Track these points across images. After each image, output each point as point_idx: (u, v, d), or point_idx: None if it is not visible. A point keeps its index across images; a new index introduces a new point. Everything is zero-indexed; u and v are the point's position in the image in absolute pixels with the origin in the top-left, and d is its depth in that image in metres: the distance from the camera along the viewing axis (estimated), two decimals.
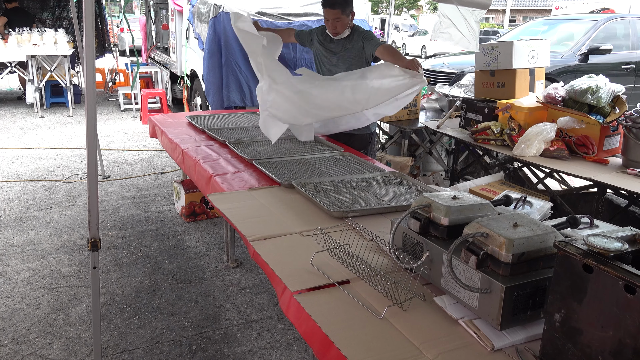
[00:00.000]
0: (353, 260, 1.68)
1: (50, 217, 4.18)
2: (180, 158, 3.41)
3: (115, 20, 13.24)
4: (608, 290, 1.06)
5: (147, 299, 3.04)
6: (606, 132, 3.22)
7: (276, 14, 5.66)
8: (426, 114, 4.83)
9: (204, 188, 2.94)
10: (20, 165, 5.54)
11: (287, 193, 2.47)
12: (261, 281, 3.26)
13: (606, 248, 1.09)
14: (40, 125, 7.57)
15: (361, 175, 2.70)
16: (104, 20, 9.94)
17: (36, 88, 8.22)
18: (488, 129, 3.58)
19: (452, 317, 1.46)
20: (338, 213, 2.16)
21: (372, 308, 1.51)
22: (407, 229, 1.68)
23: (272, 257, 1.83)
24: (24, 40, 8.15)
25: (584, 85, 3.28)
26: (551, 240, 1.37)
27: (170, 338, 2.68)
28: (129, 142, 6.70)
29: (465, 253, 1.40)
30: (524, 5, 39.72)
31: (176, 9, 7.23)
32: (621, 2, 19.45)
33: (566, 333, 1.16)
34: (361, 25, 6.07)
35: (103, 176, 5.18)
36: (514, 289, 1.31)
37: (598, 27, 7.19)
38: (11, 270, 3.33)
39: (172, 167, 5.58)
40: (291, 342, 2.67)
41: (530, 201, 1.97)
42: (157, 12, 9.19)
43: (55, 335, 2.68)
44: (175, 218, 4.25)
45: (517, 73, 3.77)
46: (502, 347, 1.33)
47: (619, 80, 4.19)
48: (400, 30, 28.86)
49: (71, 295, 3.06)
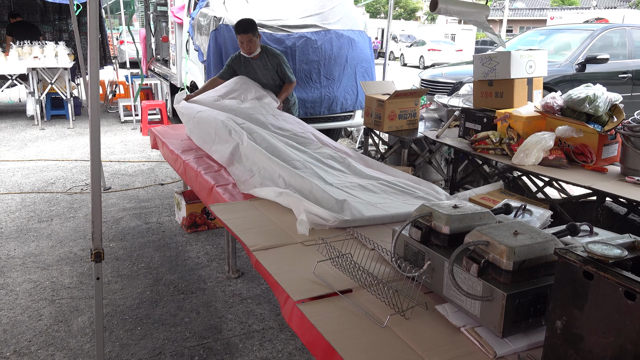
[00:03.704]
0: (355, 270, 1.69)
1: (51, 229, 4.19)
2: (181, 169, 3.43)
3: (115, 32, 13.32)
4: (608, 296, 1.07)
5: (149, 310, 3.04)
6: (604, 141, 3.25)
7: (275, 26, 5.72)
8: (425, 124, 4.86)
9: (205, 199, 2.95)
10: (21, 178, 5.55)
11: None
12: (262, 291, 3.26)
13: (606, 255, 1.11)
14: (40, 137, 7.59)
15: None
16: (104, 32, 10.00)
17: (37, 100, 8.26)
18: (487, 139, 3.60)
19: (455, 325, 1.47)
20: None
21: (375, 317, 1.52)
22: (408, 238, 1.69)
23: (275, 266, 1.84)
24: (24, 53, 8.20)
25: (582, 95, 3.31)
26: (551, 247, 1.39)
27: (172, 349, 2.68)
28: (129, 154, 6.72)
29: (466, 261, 1.41)
30: (521, 15, 40.08)
31: (176, 22, 7.29)
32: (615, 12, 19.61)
33: (568, 340, 1.17)
34: (360, 36, 6.18)
35: (104, 188, 5.19)
36: (516, 297, 1.32)
37: (595, 36, 7.25)
38: (13, 282, 3.33)
39: (172, 178, 5.60)
40: (293, 352, 2.67)
41: (530, 209, 1.99)
42: (157, 24, 9.27)
43: (57, 347, 2.68)
44: (176, 229, 4.25)
45: (515, 83, 3.80)
46: (504, 354, 1.34)
47: (616, 89, 4.23)
48: (398, 40, 29.06)
49: (73, 306, 3.06)
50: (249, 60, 4.30)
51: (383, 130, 4.54)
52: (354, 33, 6.09)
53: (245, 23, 4.19)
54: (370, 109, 4.61)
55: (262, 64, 4.31)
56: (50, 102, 8.90)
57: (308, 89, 5.86)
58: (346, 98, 6.15)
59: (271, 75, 4.35)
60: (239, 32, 4.15)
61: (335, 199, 2.35)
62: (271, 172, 2.84)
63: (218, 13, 5.61)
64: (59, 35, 10.35)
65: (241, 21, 4.24)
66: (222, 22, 5.47)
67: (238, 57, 4.35)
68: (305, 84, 5.84)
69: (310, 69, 5.82)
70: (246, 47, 4.18)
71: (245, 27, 4.15)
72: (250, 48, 4.19)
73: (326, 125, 6.30)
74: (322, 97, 5.94)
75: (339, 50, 5.92)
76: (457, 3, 3.61)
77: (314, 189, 2.50)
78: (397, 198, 2.60)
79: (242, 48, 4.22)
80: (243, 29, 4.14)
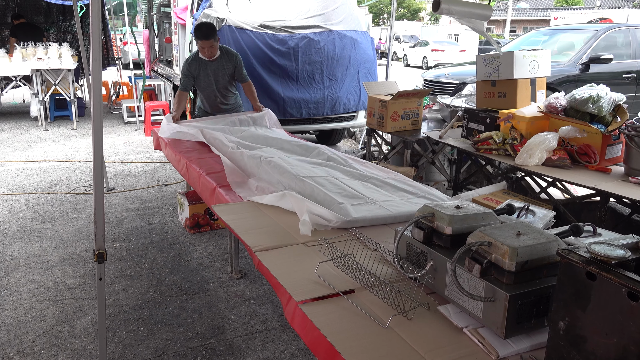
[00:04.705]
0: (357, 270, 1.69)
1: (54, 230, 4.20)
2: (184, 170, 3.44)
3: (118, 34, 13.35)
4: (611, 297, 1.07)
5: (152, 310, 3.05)
6: (608, 141, 3.24)
7: (278, 27, 5.72)
8: (428, 124, 4.85)
9: (208, 199, 2.96)
10: (25, 178, 5.57)
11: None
12: (265, 292, 3.26)
13: (609, 255, 1.10)
14: (44, 138, 7.62)
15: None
16: (108, 33, 10.03)
17: (40, 102, 8.29)
18: (490, 139, 3.59)
19: (457, 325, 1.46)
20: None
21: (377, 317, 1.51)
22: (411, 239, 1.69)
23: (277, 267, 1.84)
24: (28, 55, 8.23)
25: (585, 95, 3.30)
26: (554, 248, 1.38)
27: (175, 349, 2.68)
28: (133, 155, 6.73)
29: (469, 262, 1.41)
30: (524, 16, 40.03)
31: (179, 23, 7.30)
32: (619, 12, 19.55)
33: (570, 341, 1.17)
34: (362, 37, 6.18)
35: (107, 188, 5.20)
36: (518, 297, 1.31)
37: (598, 36, 7.23)
38: (16, 283, 3.34)
39: (175, 179, 5.61)
40: (296, 352, 2.67)
41: (533, 210, 1.98)
42: (160, 25, 9.29)
43: (60, 347, 2.68)
44: (179, 230, 4.26)
45: (518, 83, 3.79)
46: (507, 355, 1.34)
47: (620, 89, 4.21)
48: (401, 41, 29.04)
49: (76, 307, 3.07)
50: (206, 62, 4.34)
51: (386, 130, 4.54)
52: (356, 34, 6.09)
53: (206, 29, 4.21)
54: (373, 110, 4.61)
55: (220, 65, 4.36)
56: (54, 103, 8.94)
57: (311, 89, 5.86)
58: (349, 99, 6.15)
59: (227, 75, 4.42)
60: (200, 38, 4.18)
61: (337, 201, 2.35)
62: (269, 178, 2.83)
63: (221, 14, 5.61)
64: (63, 37, 10.39)
65: (201, 27, 4.26)
66: (225, 23, 5.47)
67: (194, 61, 4.37)
68: (308, 84, 5.84)
69: (313, 70, 5.82)
70: (207, 52, 4.24)
71: (207, 33, 4.17)
72: (211, 52, 4.26)
73: (329, 126, 6.30)
74: (325, 97, 5.94)
75: (341, 50, 5.92)
76: (460, 3, 3.61)
77: (315, 192, 2.49)
78: (398, 195, 2.59)
79: (202, 53, 4.27)
80: (204, 35, 4.17)
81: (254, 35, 5.54)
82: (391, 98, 4.43)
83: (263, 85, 5.58)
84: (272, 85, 5.64)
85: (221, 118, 4.29)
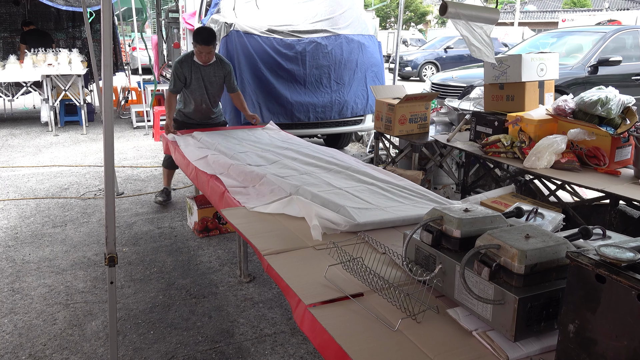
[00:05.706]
0: (366, 273, 1.69)
1: (65, 234, 4.24)
2: (193, 174, 3.46)
3: (127, 39, 13.47)
4: (621, 300, 1.07)
5: (162, 314, 3.07)
6: (617, 144, 3.22)
7: (286, 32, 5.75)
8: (436, 128, 4.85)
9: (217, 203, 2.97)
10: (36, 183, 5.63)
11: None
12: (274, 296, 3.27)
13: (618, 258, 1.10)
14: (54, 143, 7.69)
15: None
16: (117, 39, 10.13)
17: (51, 107, 8.37)
18: (498, 142, 3.59)
19: (466, 328, 1.46)
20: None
21: (386, 320, 1.52)
22: (419, 242, 1.69)
23: (286, 270, 1.85)
24: (39, 61, 8.33)
25: (594, 97, 3.29)
26: (563, 251, 1.38)
27: (184, 353, 2.70)
28: (142, 159, 6.78)
29: (478, 265, 1.41)
30: (532, 18, 39.84)
31: (187, 28, 7.36)
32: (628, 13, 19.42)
33: (580, 344, 1.17)
34: (370, 40, 6.19)
35: (117, 193, 5.24)
36: (528, 300, 1.31)
37: (607, 38, 7.20)
38: (28, 287, 3.37)
39: (184, 184, 5.64)
40: (305, 356, 2.68)
41: (542, 213, 1.98)
42: (169, 31, 9.37)
43: (71, 350, 2.71)
44: (188, 234, 4.28)
45: (526, 86, 3.79)
46: (517, 358, 1.34)
47: (629, 91, 4.19)
48: (408, 44, 29.02)
49: (87, 310, 3.09)
50: (198, 66, 4.30)
51: (394, 134, 4.54)
52: (364, 37, 6.11)
53: (207, 34, 4.18)
54: (381, 113, 4.62)
55: (213, 72, 4.34)
56: (64, 108, 9.02)
57: (318, 93, 5.88)
58: (356, 102, 6.16)
59: (217, 83, 4.41)
60: (200, 43, 4.14)
61: (344, 205, 2.35)
62: (270, 186, 2.83)
63: (229, 19, 5.65)
64: (73, 43, 10.49)
65: (202, 31, 4.23)
66: (233, 28, 5.51)
67: (185, 62, 4.31)
68: (316, 88, 5.86)
69: (321, 74, 5.84)
70: (205, 57, 4.23)
71: (208, 38, 4.15)
72: (208, 58, 4.25)
73: (337, 130, 6.31)
74: (332, 101, 5.96)
75: (349, 54, 5.94)
76: (467, 7, 3.61)
77: (322, 198, 2.49)
78: (405, 201, 2.59)
79: (199, 57, 4.23)
80: (205, 41, 4.14)
81: (262, 40, 5.57)
82: (399, 101, 4.43)
83: (271, 89, 5.60)
84: (280, 89, 5.67)
85: (221, 134, 4.17)
